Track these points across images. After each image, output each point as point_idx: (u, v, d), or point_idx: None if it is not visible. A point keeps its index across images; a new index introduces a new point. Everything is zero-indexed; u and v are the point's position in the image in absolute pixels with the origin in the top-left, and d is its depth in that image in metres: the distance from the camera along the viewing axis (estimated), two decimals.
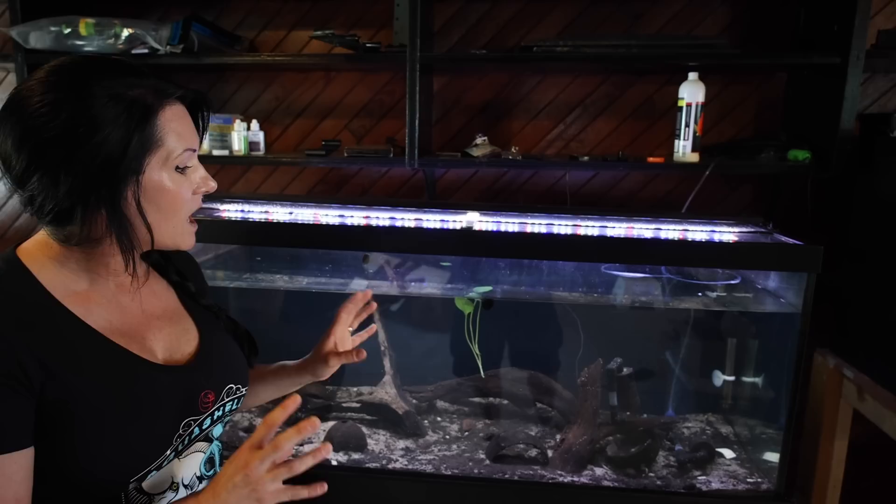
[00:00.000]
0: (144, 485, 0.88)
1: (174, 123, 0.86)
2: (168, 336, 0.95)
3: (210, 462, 1.01)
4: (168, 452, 0.89)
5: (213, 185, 0.93)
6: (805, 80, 1.99)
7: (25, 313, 0.81)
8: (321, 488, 0.84)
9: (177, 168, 0.87)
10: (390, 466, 1.72)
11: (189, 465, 0.96)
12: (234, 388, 1.01)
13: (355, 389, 1.98)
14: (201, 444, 0.98)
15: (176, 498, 0.93)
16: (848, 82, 1.74)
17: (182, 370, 0.94)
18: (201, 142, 0.94)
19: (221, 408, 0.99)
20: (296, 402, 0.83)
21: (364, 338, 1.22)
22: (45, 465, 0.80)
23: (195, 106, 0.93)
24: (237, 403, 1.04)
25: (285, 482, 0.82)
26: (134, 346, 0.89)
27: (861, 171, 1.82)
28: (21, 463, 0.78)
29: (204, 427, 0.96)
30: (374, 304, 1.22)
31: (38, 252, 0.86)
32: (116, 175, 0.81)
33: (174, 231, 0.90)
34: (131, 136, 0.81)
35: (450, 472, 1.69)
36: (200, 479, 0.98)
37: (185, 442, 0.92)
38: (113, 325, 0.88)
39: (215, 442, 1.02)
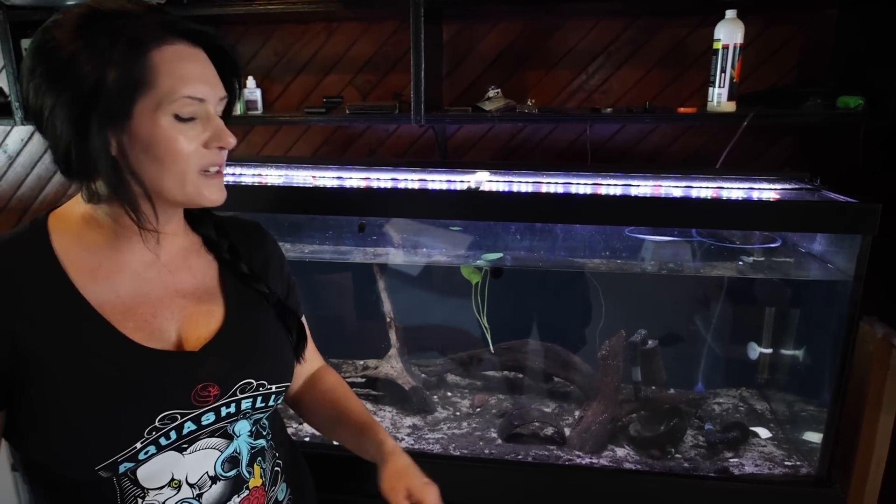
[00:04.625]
0: (139, 476, 0.82)
1: (174, 65, 0.77)
2: (188, 317, 0.88)
3: (232, 462, 0.90)
4: (139, 445, 0.79)
5: (230, 140, 0.83)
6: (858, 17, 1.77)
7: (12, 279, 0.78)
8: None
9: (177, 116, 0.78)
10: None
11: (197, 463, 0.86)
12: (254, 383, 0.89)
13: (361, 363, 1.86)
14: (216, 441, 0.88)
15: (177, 497, 0.85)
16: None
17: (180, 357, 0.85)
18: (235, 95, 0.87)
19: (234, 404, 0.87)
20: None
21: None
22: (24, 435, 0.79)
23: (218, 53, 0.84)
24: (265, 402, 0.91)
25: None
26: (130, 324, 0.82)
27: None
28: None
29: (203, 423, 0.85)
30: None
31: (68, 213, 0.84)
32: (98, 115, 0.75)
33: (181, 185, 0.81)
34: (107, 73, 0.74)
35: (458, 453, 1.57)
36: (215, 479, 0.88)
37: (172, 437, 0.82)
38: (118, 299, 0.82)
39: (241, 440, 0.91)
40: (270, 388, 0.91)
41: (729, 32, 1.69)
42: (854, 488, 1.71)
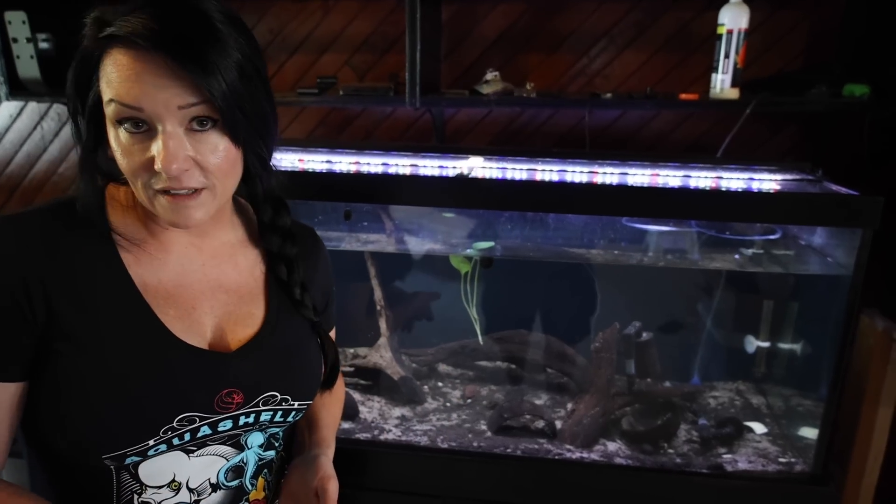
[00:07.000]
0: (141, 472, 0.79)
1: (108, 70, 0.71)
2: (226, 315, 0.84)
3: (236, 471, 0.86)
4: (152, 442, 0.75)
5: (162, 164, 0.69)
6: (867, 2, 1.72)
7: (64, 247, 0.75)
8: None
9: (118, 122, 0.71)
10: (382, 437, 1.58)
11: (201, 469, 0.83)
12: (278, 397, 0.85)
13: (352, 351, 1.84)
14: (224, 449, 0.84)
15: (174, 499, 0.81)
16: None
17: (212, 357, 0.81)
18: (215, 100, 0.69)
19: (253, 414, 0.83)
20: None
21: None
22: (40, 410, 0.76)
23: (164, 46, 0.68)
24: (285, 417, 0.87)
25: None
26: (171, 312, 0.79)
27: None
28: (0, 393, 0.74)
29: (219, 429, 0.81)
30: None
31: (122, 187, 0.81)
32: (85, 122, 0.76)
33: (146, 198, 0.74)
34: (73, 85, 0.75)
35: (446, 445, 1.55)
36: (216, 487, 0.85)
37: (186, 438, 0.79)
38: (161, 284, 0.80)
39: (251, 451, 0.88)
40: (293, 405, 0.87)
41: (734, 17, 1.63)
42: (850, 482, 1.69)
